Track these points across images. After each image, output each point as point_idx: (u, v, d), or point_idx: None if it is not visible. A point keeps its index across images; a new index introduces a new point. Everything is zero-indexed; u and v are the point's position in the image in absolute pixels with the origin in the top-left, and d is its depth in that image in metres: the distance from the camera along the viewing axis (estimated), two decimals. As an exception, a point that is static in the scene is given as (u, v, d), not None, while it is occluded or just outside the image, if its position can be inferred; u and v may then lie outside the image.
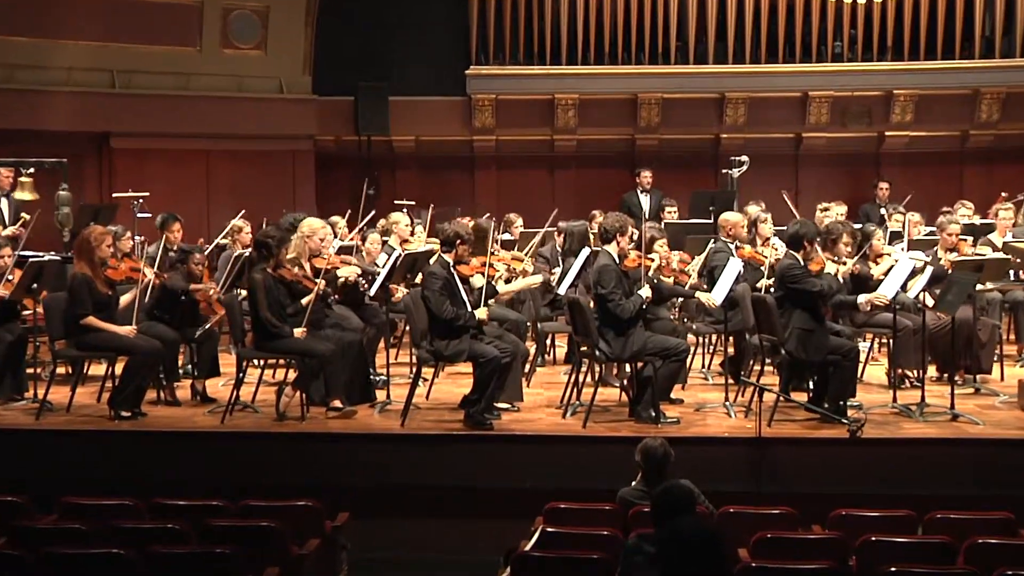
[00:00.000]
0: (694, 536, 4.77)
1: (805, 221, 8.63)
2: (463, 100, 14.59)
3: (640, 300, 7.96)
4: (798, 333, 7.85)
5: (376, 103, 14.25)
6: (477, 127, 14.63)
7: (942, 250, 9.23)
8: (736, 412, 8.14)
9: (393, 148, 14.69)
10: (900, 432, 7.63)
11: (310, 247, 8.60)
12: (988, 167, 14.26)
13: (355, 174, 13.95)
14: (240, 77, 13.92)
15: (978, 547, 5.32)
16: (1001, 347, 9.47)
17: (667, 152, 14.52)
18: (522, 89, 14.49)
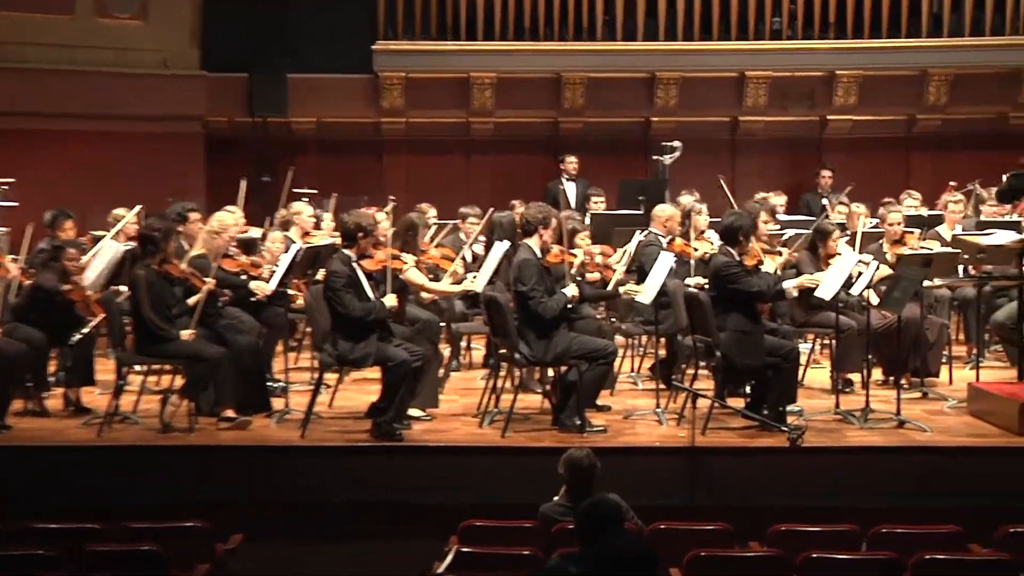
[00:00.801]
0: (622, 555, 4.81)
1: (741, 212, 8.76)
2: (369, 78, 14.50)
3: (564, 299, 8.00)
4: (734, 334, 7.97)
5: (273, 81, 14.11)
6: (385, 108, 14.55)
7: (887, 243, 9.43)
8: (668, 420, 8.22)
9: (292, 131, 14.55)
10: (843, 440, 7.78)
11: (218, 245, 8.50)
12: (936, 154, 14.56)
13: (250, 160, 13.81)
14: (119, 50, 13.67)
15: (925, 563, 5.45)
16: (950, 348, 9.71)
17: (593, 136, 14.60)
18: (434, 67, 14.45)
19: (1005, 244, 8.50)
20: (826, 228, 9.25)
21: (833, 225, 9.47)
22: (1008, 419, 7.75)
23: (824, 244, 9.12)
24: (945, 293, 10.03)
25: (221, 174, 13.81)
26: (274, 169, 13.42)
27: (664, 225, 9.51)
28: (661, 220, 9.55)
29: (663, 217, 9.55)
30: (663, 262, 8.44)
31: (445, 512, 6.74)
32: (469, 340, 10.65)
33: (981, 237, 8.87)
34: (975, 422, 8.14)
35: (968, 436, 7.82)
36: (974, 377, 8.86)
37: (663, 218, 9.55)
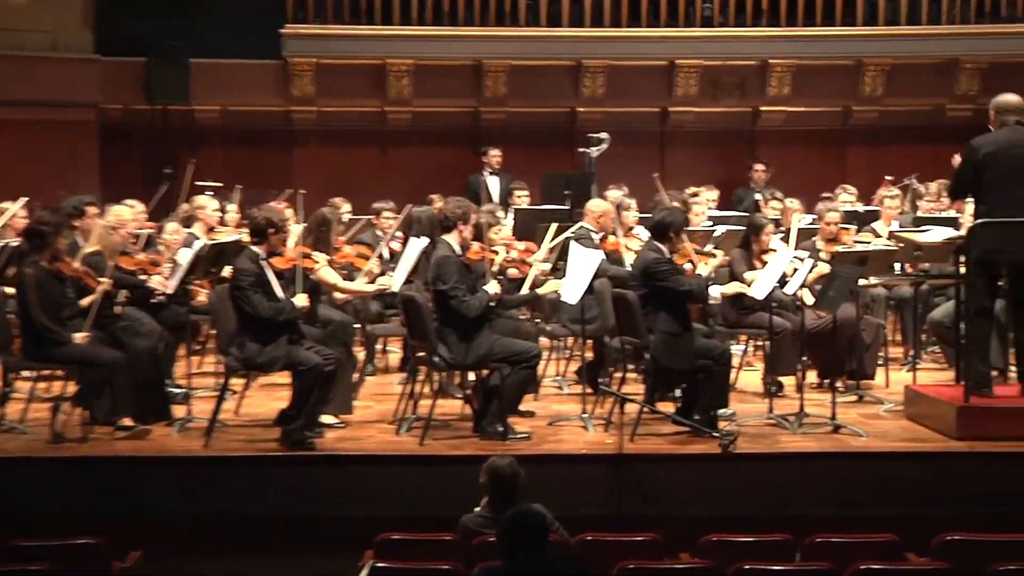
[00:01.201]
0: (547, 569, 4.82)
1: (672, 208, 8.84)
2: (278, 64, 14.40)
3: (487, 297, 8.01)
4: (663, 337, 8.03)
5: (174, 66, 13.94)
6: (295, 96, 14.46)
7: (822, 240, 9.57)
8: (595, 426, 8.27)
9: (195, 119, 14.39)
10: (777, 446, 7.87)
11: (115, 242, 8.38)
12: (872, 147, 14.82)
13: (148, 150, 13.63)
14: (5, 31, 13.42)
15: (861, 573, 5.53)
16: (886, 349, 9.89)
17: (516, 128, 14.64)
18: (348, 52, 14.38)
19: (942, 241, 8.65)
20: (758, 222, 9.37)
21: (766, 219, 9.59)
22: (946, 423, 7.90)
23: (757, 239, 9.23)
24: (881, 292, 10.20)
25: (116, 166, 13.62)
26: (175, 161, 13.25)
27: (597, 221, 9.56)
28: (594, 216, 9.60)
29: (597, 212, 9.60)
30: (591, 259, 8.47)
31: (360, 525, 6.70)
32: (385, 343, 10.62)
33: (918, 234, 9.03)
34: (912, 426, 8.29)
35: (905, 441, 7.96)
36: (911, 379, 9.01)
37: (596, 213, 9.60)
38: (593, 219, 9.58)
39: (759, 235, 9.23)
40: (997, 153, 7.78)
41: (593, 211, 9.63)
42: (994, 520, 6.81)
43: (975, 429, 7.73)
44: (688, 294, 8.13)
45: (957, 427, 7.76)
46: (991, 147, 7.81)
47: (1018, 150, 7.78)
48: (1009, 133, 7.85)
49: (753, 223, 9.40)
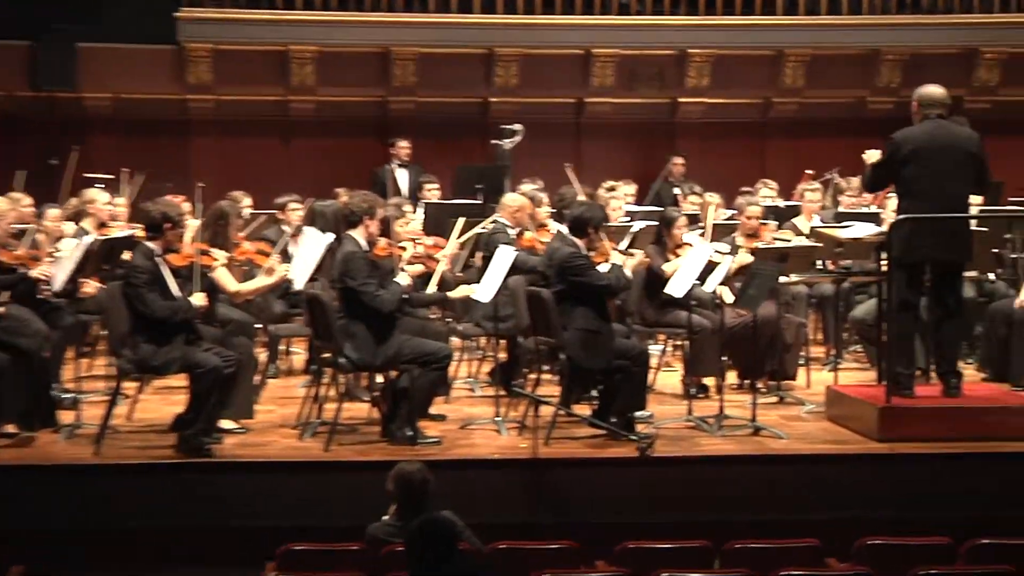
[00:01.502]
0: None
1: (591, 203, 8.89)
2: (173, 50, 14.22)
3: (400, 289, 8.02)
4: (580, 335, 8.07)
5: (61, 50, 13.71)
6: (192, 83, 14.29)
7: (742, 236, 9.68)
8: (508, 429, 8.28)
9: (84, 108, 14.17)
10: (696, 449, 7.95)
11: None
12: (793, 140, 15.01)
13: (34, 140, 13.38)
14: None
15: (781, 579, 5.62)
16: (807, 349, 10.03)
17: (426, 118, 14.61)
18: (248, 37, 14.24)
19: (864, 237, 8.80)
20: (670, 215, 9.46)
21: (677, 211, 9.69)
22: (867, 424, 8.03)
23: (669, 233, 9.32)
24: (802, 290, 10.34)
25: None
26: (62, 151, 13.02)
27: (513, 216, 9.57)
28: (510, 210, 9.61)
29: (512, 207, 9.62)
30: (503, 256, 8.49)
31: (261, 536, 6.66)
32: (288, 343, 10.55)
33: (839, 230, 9.17)
34: (834, 427, 8.42)
35: (826, 443, 8.08)
36: (832, 380, 9.15)
37: (512, 208, 9.61)
38: (508, 214, 9.59)
39: (671, 229, 9.32)
40: (921, 148, 7.92)
41: (509, 206, 9.65)
42: (916, 523, 6.95)
43: (897, 430, 7.87)
44: (606, 288, 8.18)
45: (879, 428, 7.90)
46: (915, 142, 7.95)
47: (942, 145, 7.93)
48: (933, 127, 8.00)
49: (664, 217, 9.49)
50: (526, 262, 8.91)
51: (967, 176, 7.97)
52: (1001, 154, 12.27)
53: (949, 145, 7.95)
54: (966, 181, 7.99)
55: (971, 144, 8.04)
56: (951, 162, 7.91)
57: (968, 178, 7.99)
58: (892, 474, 7.72)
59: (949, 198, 7.91)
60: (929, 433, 7.86)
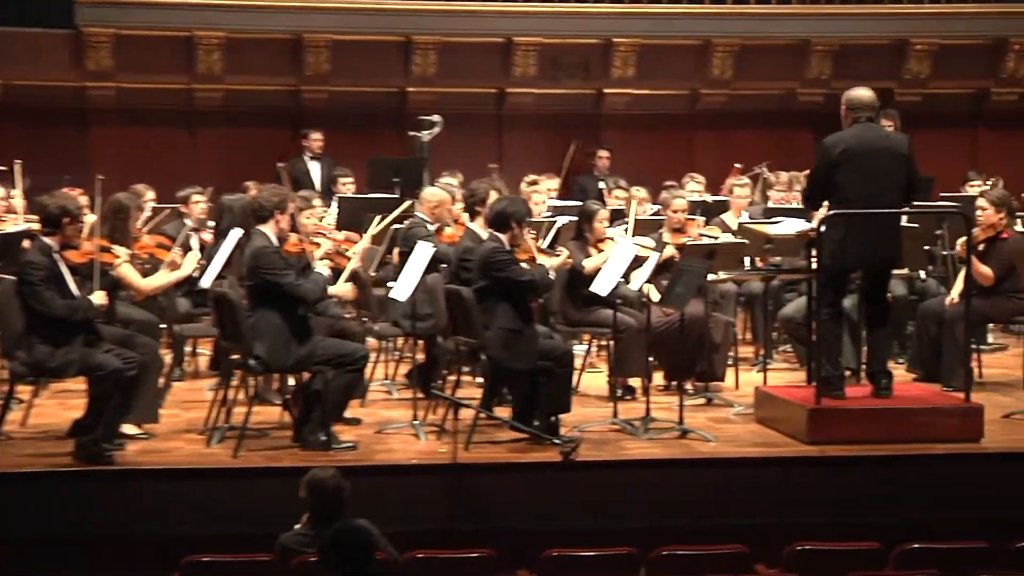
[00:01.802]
0: (374, 590, 4.82)
1: (514, 197, 8.91)
2: (71, 34, 14.04)
3: (323, 280, 8.02)
4: (502, 334, 8.09)
5: (-51, 33, 13.49)
6: (91, 70, 14.11)
7: (668, 232, 9.76)
8: (427, 434, 8.29)
9: (-26, 95, 13.97)
10: (621, 453, 8.01)
11: None
12: (721, 132, 15.15)
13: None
14: None
15: (709, 586, 5.69)
16: (736, 349, 10.13)
17: (340, 108, 14.56)
18: (151, 22, 14.10)
19: (793, 234, 8.91)
20: (590, 209, 9.52)
21: (598, 204, 9.74)
22: (797, 426, 8.14)
23: (590, 227, 9.38)
24: (731, 288, 10.44)
25: None
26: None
27: (432, 211, 9.57)
28: (428, 205, 9.60)
29: (432, 202, 9.61)
30: (421, 253, 8.49)
31: (166, 546, 6.61)
32: (195, 344, 10.46)
33: (768, 226, 9.28)
34: (763, 430, 8.52)
35: (755, 446, 8.17)
36: (762, 380, 9.25)
37: (432, 203, 9.60)
38: (428, 209, 9.59)
39: (592, 223, 9.38)
40: (850, 151, 8.05)
41: (428, 200, 9.64)
42: (846, 528, 7.07)
43: (826, 432, 7.98)
44: (529, 286, 8.20)
45: (808, 430, 8.00)
46: (844, 145, 8.08)
47: (872, 148, 8.06)
48: (862, 131, 8.13)
49: (584, 211, 9.54)
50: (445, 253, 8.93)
51: (898, 179, 8.12)
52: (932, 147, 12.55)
53: (879, 148, 8.09)
54: (897, 185, 8.14)
55: (901, 146, 8.19)
56: (882, 166, 8.05)
57: (899, 182, 8.13)
58: (822, 477, 7.83)
59: (880, 202, 8.04)
60: (859, 435, 7.99)
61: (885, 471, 7.82)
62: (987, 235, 9.42)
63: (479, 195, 8.97)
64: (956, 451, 7.92)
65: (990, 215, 9.44)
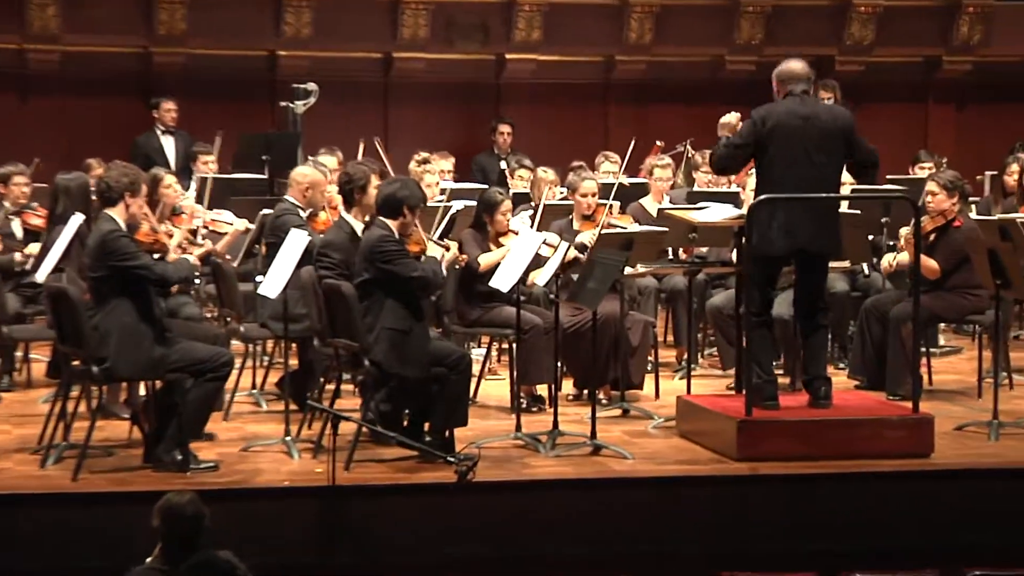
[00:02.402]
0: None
1: (406, 180, 8.90)
2: None
3: (188, 264, 8.04)
4: (389, 335, 8.09)
5: None
6: (-96, 29, 13.90)
7: (577, 219, 9.82)
8: (301, 451, 8.27)
9: None
10: (526, 472, 8.04)
11: None
12: (639, 106, 15.22)
13: None
14: None
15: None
16: (656, 353, 10.21)
17: (199, 74, 14.44)
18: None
19: (721, 221, 9.01)
20: (492, 199, 9.52)
21: (502, 193, 9.77)
22: (724, 440, 8.22)
23: (491, 219, 9.41)
24: (651, 283, 10.53)
25: None
26: None
27: (304, 194, 9.52)
28: (300, 188, 9.55)
29: (303, 183, 9.55)
30: (294, 243, 8.46)
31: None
32: (27, 349, 10.33)
33: (693, 212, 9.37)
34: (686, 445, 8.59)
35: (677, 463, 8.25)
36: (685, 388, 9.33)
37: (303, 185, 9.54)
38: (298, 192, 9.53)
39: (493, 214, 9.41)
40: (782, 127, 8.16)
41: (298, 182, 9.58)
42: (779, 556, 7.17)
43: (758, 447, 8.08)
44: (420, 282, 8.20)
45: (738, 445, 8.09)
46: (775, 119, 8.19)
47: (805, 123, 8.18)
48: (795, 104, 8.25)
49: (486, 200, 9.54)
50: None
51: (836, 159, 8.25)
52: (876, 123, 12.77)
53: (815, 124, 8.21)
54: (836, 164, 8.27)
55: (841, 122, 8.32)
56: (817, 143, 8.17)
57: (837, 162, 8.27)
58: (753, 499, 7.93)
59: (814, 184, 8.16)
60: (795, 450, 8.09)
61: (824, 491, 7.93)
62: (937, 224, 9.59)
63: (357, 180, 8.88)
64: (904, 468, 8.05)
65: (941, 200, 9.60)
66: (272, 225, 9.36)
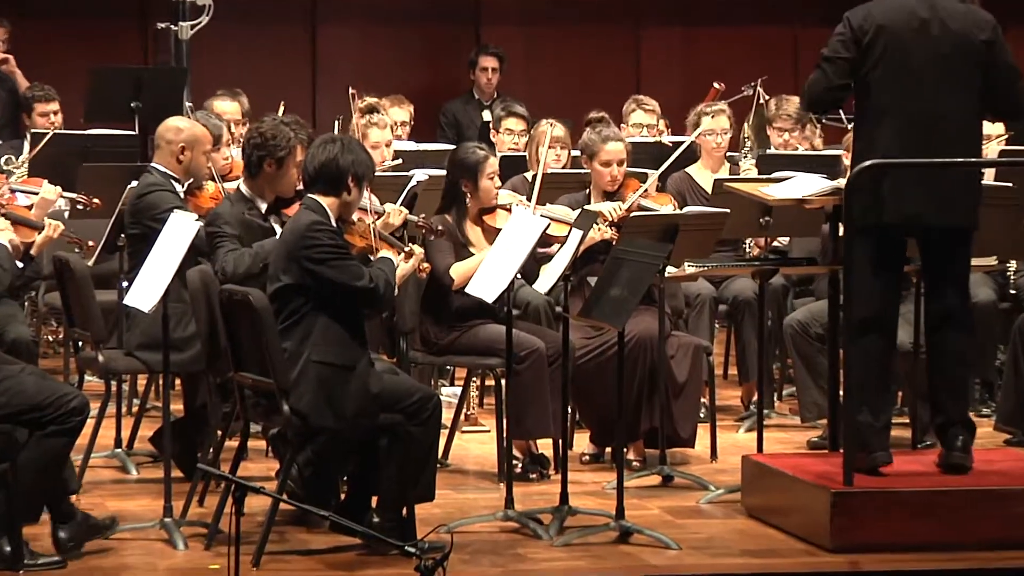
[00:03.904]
0: None
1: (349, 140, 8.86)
2: None
3: (6, 253, 8.06)
4: (318, 371, 8.06)
5: None
6: None
7: (596, 196, 9.81)
8: (189, 538, 8.26)
9: None
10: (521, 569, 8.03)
11: None
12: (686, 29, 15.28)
13: None
14: None
15: None
16: (712, 392, 10.19)
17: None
18: None
19: (809, 198, 8.97)
20: (470, 156, 9.56)
21: (484, 148, 9.69)
22: (813, 521, 8.20)
23: (473, 187, 9.50)
24: (705, 290, 10.52)
25: None
26: None
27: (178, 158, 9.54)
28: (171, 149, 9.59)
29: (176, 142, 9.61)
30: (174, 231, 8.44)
31: None
32: None
33: (767, 185, 9.32)
34: (757, 528, 8.61)
35: (744, 556, 8.28)
36: (753, 444, 9.32)
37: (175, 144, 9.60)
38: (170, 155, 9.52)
39: (476, 180, 9.48)
40: (890, 32, 8.12)
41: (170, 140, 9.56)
42: None
43: (862, 532, 8.08)
44: (367, 295, 8.16)
45: (832, 529, 8.07)
46: (879, 20, 8.15)
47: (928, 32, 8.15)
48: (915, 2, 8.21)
49: (462, 159, 9.55)
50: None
51: (972, 87, 8.21)
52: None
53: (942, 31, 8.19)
54: (971, 95, 8.23)
55: (981, 30, 8.28)
56: (945, 62, 8.16)
57: (972, 91, 8.22)
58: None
59: (940, 123, 8.14)
60: (915, 535, 8.10)
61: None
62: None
63: (274, 147, 8.86)
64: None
65: None
66: (134, 208, 9.34)
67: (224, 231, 8.63)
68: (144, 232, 8.85)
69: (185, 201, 9.27)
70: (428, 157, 11.01)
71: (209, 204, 9.34)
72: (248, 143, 9.00)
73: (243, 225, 8.68)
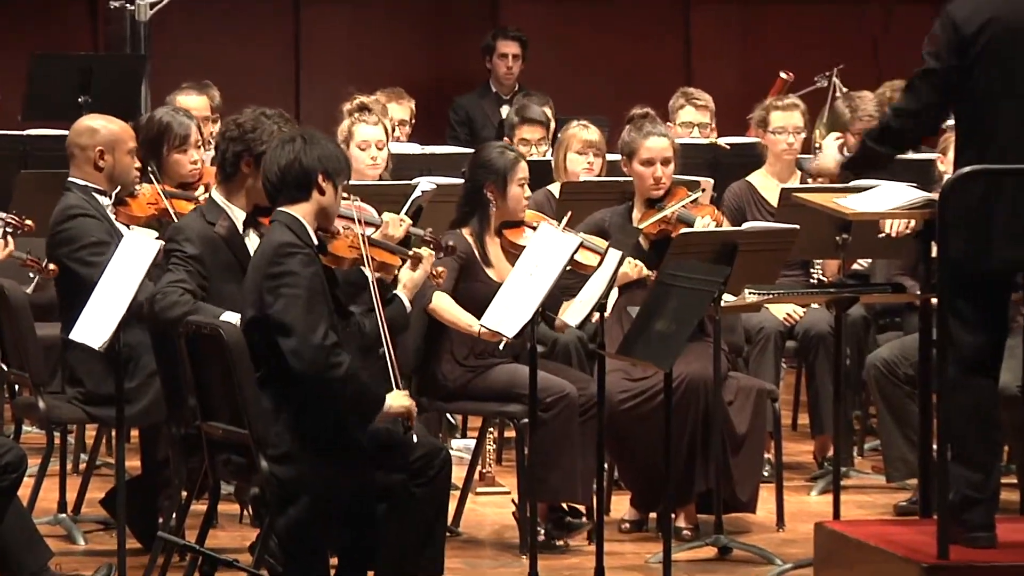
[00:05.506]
0: None
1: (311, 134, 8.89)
2: None
3: None
4: (293, 424, 8.07)
5: None
6: None
7: (638, 205, 9.84)
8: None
9: None
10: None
11: None
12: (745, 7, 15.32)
13: None
14: None
15: None
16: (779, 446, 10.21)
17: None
18: None
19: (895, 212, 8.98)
20: (498, 158, 9.59)
21: (514, 151, 9.73)
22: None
23: (500, 195, 9.53)
24: (770, 323, 10.54)
25: None
26: None
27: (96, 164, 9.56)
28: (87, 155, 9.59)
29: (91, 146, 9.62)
30: (133, 252, 8.48)
31: None
32: None
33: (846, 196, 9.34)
34: (833, 610, 8.64)
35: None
36: (830, 509, 9.34)
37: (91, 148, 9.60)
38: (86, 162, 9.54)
39: (506, 187, 9.51)
40: (999, 29, 8.15)
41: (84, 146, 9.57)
42: None
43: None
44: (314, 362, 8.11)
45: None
46: (988, 14, 8.17)
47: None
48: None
49: (486, 161, 9.61)
50: None
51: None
52: None
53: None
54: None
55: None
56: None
57: None
58: None
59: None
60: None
61: None
62: None
63: (255, 143, 8.89)
64: None
65: None
66: (52, 239, 9.31)
67: (182, 249, 8.56)
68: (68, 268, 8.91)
69: (115, 213, 9.28)
70: (435, 162, 11.03)
71: (148, 211, 9.36)
72: (223, 137, 8.98)
73: (207, 244, 8.64)
